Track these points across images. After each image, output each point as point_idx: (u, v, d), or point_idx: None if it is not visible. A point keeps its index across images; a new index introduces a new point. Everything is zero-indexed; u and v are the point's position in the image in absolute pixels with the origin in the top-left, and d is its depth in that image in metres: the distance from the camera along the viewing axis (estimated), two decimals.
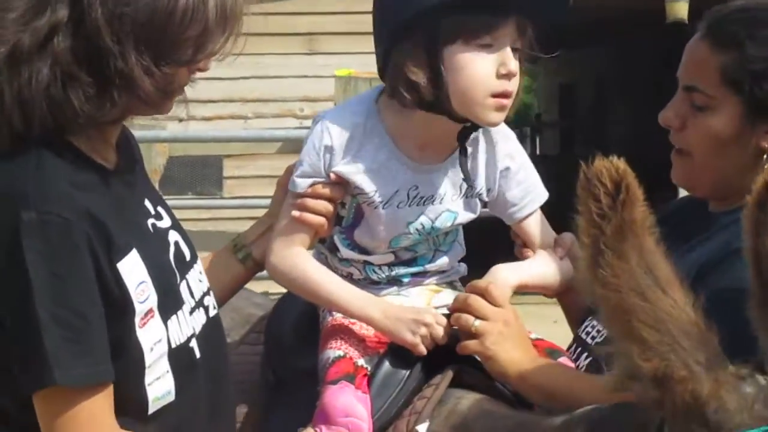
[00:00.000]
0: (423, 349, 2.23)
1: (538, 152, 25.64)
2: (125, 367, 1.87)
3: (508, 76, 2.18)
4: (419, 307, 2.31)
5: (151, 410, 1.94)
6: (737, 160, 2.23)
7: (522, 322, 2.43)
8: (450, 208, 2.35)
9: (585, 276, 1.55)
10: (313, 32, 9.48)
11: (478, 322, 2.26)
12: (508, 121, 2.48)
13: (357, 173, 2.30)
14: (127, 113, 2.01)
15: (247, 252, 2.47)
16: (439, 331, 2.23)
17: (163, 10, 1.84)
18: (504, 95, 2.20)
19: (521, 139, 25.54)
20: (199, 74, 2.05)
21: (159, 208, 2.10)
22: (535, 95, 29.84)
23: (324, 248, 2.49)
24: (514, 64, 2.19)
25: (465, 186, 2.36)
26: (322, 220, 2.34)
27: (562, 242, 2.52)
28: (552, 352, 2.42)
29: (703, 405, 1.46)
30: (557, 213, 2.28)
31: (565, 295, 2.61)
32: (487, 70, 2.15)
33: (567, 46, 19.83)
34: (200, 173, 7.82)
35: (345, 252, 2.41)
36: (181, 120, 7.15)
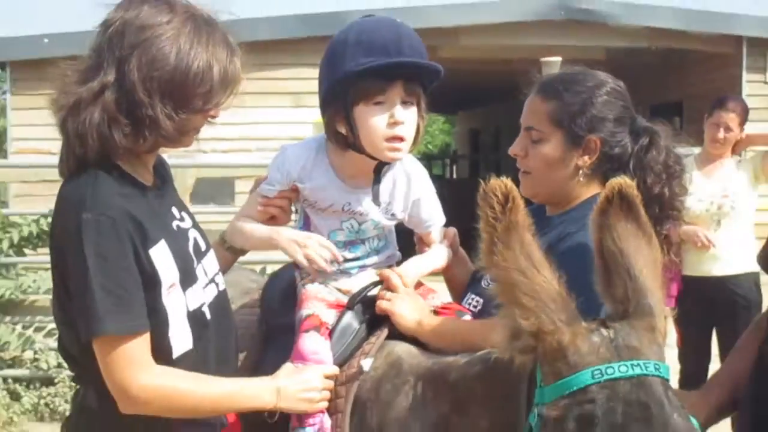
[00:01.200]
0: (305, 263, 2.36)
1: (454, 176, 27.78)
2: (156, 323, 2.06)
3: (395, 124, 2.28)
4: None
5: (174, 355, 2.10)
6: (562, 176, 2.36)
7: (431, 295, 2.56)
8: (373, 218, 2.45)
9: (484, 260, 1.69)
10: (298, 92, 10.36)
11: (389, 294, 2.40)
12: (434, 155, 3.43)
13: (306, 188, 2.44)
14: (156, 146, 2.18)
15: (230, 244, 2.56)
16: (316, 251, 2.34)
17: (180, 75, 2.06)
18: (395, 139, 2.31)
19: (443, 167, 25.92)
20: (216, 119, 2.22)
21: (182, 213, 2.28)
22: (453, 137, 31.65)
23: None
24: (401, 115, 2.29)
25: (383, 204, 2.45)
26: (276, 211, 2.50)
27: (448, 235, 2.63)
28: (460, 313, 2.47)
29: (565, 349, 1.58)
30: (465, 216, 2.29)
31: (447, 272, 2.69)
32: (380, 122, 2.27)
33: (475, 104, 20.38)
34: (219, 189, 8.59)
35: None
36: (205, 152, 8.47)
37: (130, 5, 2.08)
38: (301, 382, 2.20)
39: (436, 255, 2.57)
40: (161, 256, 2.08)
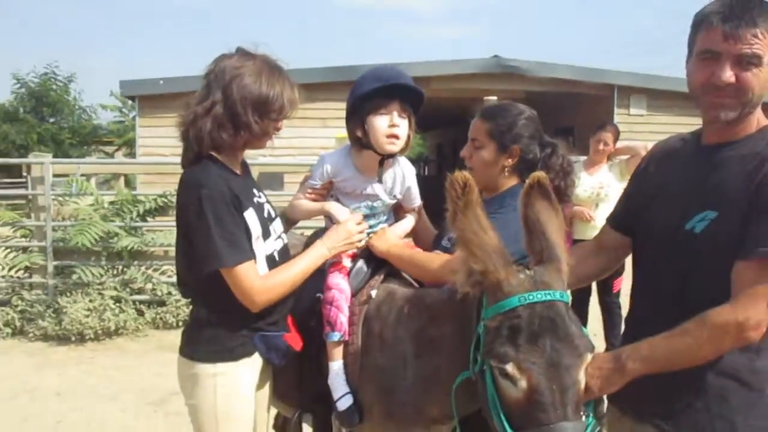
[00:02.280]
0: (345, 217, 2.31)
1: (426, 174, 26.78)
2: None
3: (393, 126, 2.24)
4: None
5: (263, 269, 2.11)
6: (494, 172, 2.29)
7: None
8: (381, 198, 2.39)
9: (450, 224, 1.64)
10: (325, 117, 10.69)
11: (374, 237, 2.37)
12: (414, 158, 2.94)
13: (338, 181, 2.39)
14: (246, 144, 2.16)
15: (287, 218, 2.46)
16: (353, 239, 2.29)
17: (263, 96, 2.07)
18: (392, 136, 2.25)
19: (419, 168, 23.80)
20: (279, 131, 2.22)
21: (259, 192, 2.24)
22: (425, 147, 32.12)
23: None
24: (396, 120, 2.25)
25: (387, 188, 2.39)
26: (318, 197, 2.43)
27: (419, 209, 2.57)
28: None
29: (501, 283, 1.56)
30: (433, 200, 2.29)
31: (417, 234, 2.57)
32: (382, 124, 2.24)
33: (439, 126, 20.46)
34: (273, 180, 8.59)
35: None
36: (264, 156, 8.26)
37: (224, 57, 2.11)
38: (337, 236, 2.25)
39: (411, 220, 2.51)
40: (251, 217, 2.08)
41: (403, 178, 2.42)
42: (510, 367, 1.50)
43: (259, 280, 2.05)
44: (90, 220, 6.87)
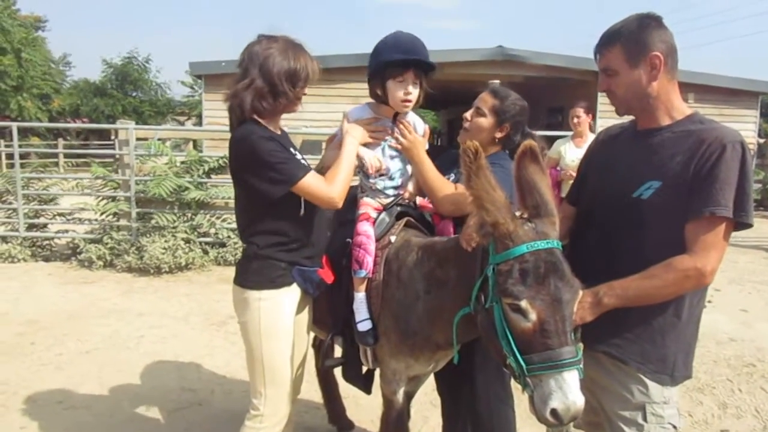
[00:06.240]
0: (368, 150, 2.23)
1: (439, 144, 26.90)
2: (293, 195, 2.01)
3: (407, 92, 2.17)
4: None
5: (300, 213, 2.06)
6: (486, 139, 2.27)
7: None
8: (394, 156, 2.31)
9: (464, 185, 1.58)
10: (355, 96, 9.74)
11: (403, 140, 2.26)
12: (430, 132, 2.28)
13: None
14: (283, 110, 2.10)
15: (321, 165, 2.31)
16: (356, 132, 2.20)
17: (292, 69, 2.03)
18: (406, 101, 2.19)
19: (434, 139, 23.43)
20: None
21: (296, 150, 2.14)
22: (438, 123, 31.89)
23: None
24: (411, 89, 2.18)
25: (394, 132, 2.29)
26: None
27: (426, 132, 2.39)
28: None
29: (511, 233, 1.52)
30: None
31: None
32: (399, 90, 2.17)
33: (450, 105, 20.72)
34: (313, 147, 7.84)
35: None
36: (306, 127, 8.29)
37: (252, 44, 2.07)
38: (356, 131, 2.21)
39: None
40: None
41: (413, 126, 2.34)
42: (524, 303, 1.48)
43: (325, 182, 2.04)
44: (165, 175, 6.93)
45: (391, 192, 2.32)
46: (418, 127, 2.34)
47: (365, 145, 2.26)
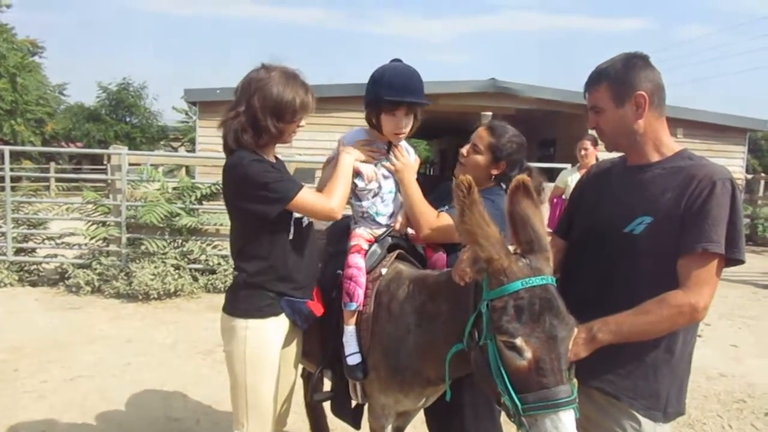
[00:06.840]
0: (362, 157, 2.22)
1: (431, 174, 26.96)
2: (284, 217, 2.02)
3: (399, 127, 2.19)
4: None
5: (289, 237, 2.07)
6: (481, 176, 2.27)
7: None
8: (387, 177, 2.30)
9: (458, 221, 1.55)
10: (350, 124, 9.96)
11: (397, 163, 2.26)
12: (422, 161, 2.38)
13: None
14: (271, 142, 2.09)
15: (318, 188, 2.28)
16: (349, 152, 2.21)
17: (278, 103, 2.00)
18: (399, 134, 2.21)
19: (425, 169, 24.74)
20: (304, 128, 2.13)
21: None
22: (431, 153, 31.95)
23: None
24: (404, 123, 2.19)
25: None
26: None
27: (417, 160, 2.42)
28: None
29: (506, 269, 1.50)
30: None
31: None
32: (392, 125, 2.19)
33: (443, 135, 20.42)
34: (306, 175, 7.87)
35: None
36: (300, 155, 8.31)
37: (252, 72, 2.06)
38: (351, 153, 2.21)
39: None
40: None
41: (406, 150, 2.34)
42: (519, 341, 1.45)
43: (321, 195, 2.05)
44: (157, 201, 6.90)
45: (383, 221, 2.31)
46: (410, 152, 2.35)
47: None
